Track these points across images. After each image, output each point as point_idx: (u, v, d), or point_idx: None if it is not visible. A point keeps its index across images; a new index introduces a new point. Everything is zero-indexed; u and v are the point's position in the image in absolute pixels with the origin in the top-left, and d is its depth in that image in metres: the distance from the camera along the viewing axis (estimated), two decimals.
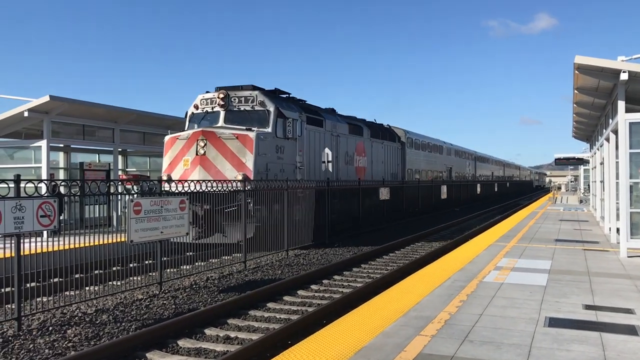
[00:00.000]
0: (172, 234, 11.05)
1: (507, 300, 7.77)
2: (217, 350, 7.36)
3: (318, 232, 18.04)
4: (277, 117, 17.03)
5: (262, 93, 17.35)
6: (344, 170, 22.27)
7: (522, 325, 6.45)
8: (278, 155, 17.02)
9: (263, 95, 17.26)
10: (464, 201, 43.11)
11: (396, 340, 5.81)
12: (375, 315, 6.89)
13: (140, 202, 10.21)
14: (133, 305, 9.69)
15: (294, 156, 18.04)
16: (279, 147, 17.05)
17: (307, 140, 19.14)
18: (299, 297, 10.82)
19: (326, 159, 20.64)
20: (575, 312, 7.07)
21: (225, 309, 9.21)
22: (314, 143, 19.75)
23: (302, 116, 18.78)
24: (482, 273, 9.89)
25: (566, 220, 22.91)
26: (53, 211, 8.58)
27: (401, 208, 28.21)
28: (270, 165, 16.51)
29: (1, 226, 7.80)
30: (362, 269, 13.99)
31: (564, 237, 15.99)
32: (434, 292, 8.22)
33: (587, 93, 14.34)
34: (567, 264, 11.06)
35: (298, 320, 8.30)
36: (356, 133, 23.87)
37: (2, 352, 7.18)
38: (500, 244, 14.19)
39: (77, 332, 8.08)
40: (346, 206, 21.33)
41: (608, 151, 15.65)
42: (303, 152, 18.64)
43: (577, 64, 11.63)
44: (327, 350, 5.51)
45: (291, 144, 17.82)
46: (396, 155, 29.71)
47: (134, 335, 7.59)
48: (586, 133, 26.63)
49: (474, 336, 5.97)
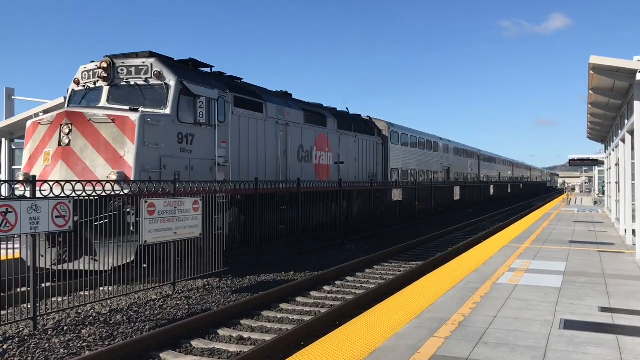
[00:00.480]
0: (186, 234, 11.10)
1: (521, 302, 7.71)
2: (230, 351, 7.37)
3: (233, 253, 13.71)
4: (179, 93, 12.77)
5: (160, 61, 13.01)
6: (296, 169, 18.21)
7: (537, 327, 6.39)
8: (182, 147, 12.82)
9: (161, 64, 12.96)
10: (477, 202, 42.19)
11: (410, 341, 5.78)
12: (388, 316, 6.87)
13: (154, 203, 10.27)
14: (147, 305, 9.74)
15: (212, 149, 13.77)
16: (184, 136, 12.87)
17: (236, 129, 14.92)
18: (312, 298, 10.82)
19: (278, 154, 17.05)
20: (591, 315, 7.00)
21: (238, 310, 9.23)
22: (247, 132, 15.50)
23: (225, 96, 14.50)
24: (496, 275, 9.82)
25: (580, 221, 22.71)
26: (68, 212, 8.65)
27: (413, 209, 27.10)
28: (168, 161, 12.27)
29: (17, 227, 7.88)
30: (374, 270, 13.96)
31: (579, 239, 15.85)
32: (447, 294, 8.18)
33: (603, 93, 14.21)
34: (582, 265, 10.96)
35: (311, 322, 8.30)
36: (316, 123, 19.82)
37: (19, 351, 7.25)
38: (514, 246, 14.09)
39: (92, 332, 8.14)
40: (318, 212, 18.07)
41: (624, 152, 15.50)
42: (228, 143, 14.47)
43: (592, 64, 11.53)
44: (341, 351, 5.50)
45: (207, 133, 13.61)
46: (375, 151, 25.47)
47: (148, 336, 7.63)
48: (601, 134, 26.39)
49: (488, 338, 5.93)
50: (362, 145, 23.88)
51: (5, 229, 7.72)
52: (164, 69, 12.86)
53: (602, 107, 16.58)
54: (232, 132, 14.69)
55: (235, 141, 14.85)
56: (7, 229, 7.76)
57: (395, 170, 27.91)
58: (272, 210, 15.52)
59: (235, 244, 13.91)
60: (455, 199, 35.06)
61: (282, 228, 15.66)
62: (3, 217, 7.68)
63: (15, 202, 7.88)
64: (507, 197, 56.50)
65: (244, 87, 16.17)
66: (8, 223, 7.75)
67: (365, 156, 24.27)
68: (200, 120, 13.22)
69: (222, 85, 14.64)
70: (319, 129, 19.97)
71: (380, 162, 26.19)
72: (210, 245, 11.86)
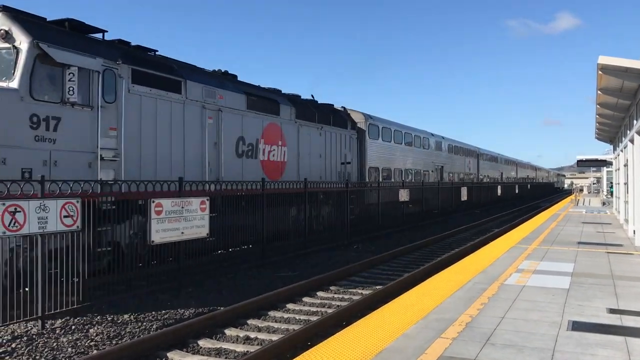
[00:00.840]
0: (192, 234, 11.12)
1: (529, 303, 7.68)
2: (237, 351, 7.39)
3: None
4: (35, 61, 9.81)
5: (9, 17, 9.96)
6: (233, 166, 14.87)
7: (545, 328, 6.37)
8: (39, 134, 9.76)
9: (11, 20, 9.92)
10: (485, 203, 41.79)
11: (417, 342, 5.77)
12: (395, 317, 6.86)
13: (161, 203, 10.30)
14: (154, 305, 9.77)
15: (92, 138, 10.77)
16: (41, 120, 9.80)
17: (135, 112, 11.82)
18: (319, 298, 10.82)
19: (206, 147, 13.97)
20: (599, 316, 6.96)
21: (245, 310, 9.24)
22: (153, 118, 12.28)
23: (117, 68, 11.44)
24: (504, 275, 9.79)
25: (589, 222, 22.59)
26: (76, 211, 8.69)
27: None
28: (9, 153, 9.29)
29: (26, 226, 7.93)
30: (381, 271, 13.94)
31: (587, 240, 15.76)
32: (454, 295, 8.16)
33: (611, 94, 14.15)
34: (590, 266, 10.90)
35: (318, 322, 8.30)
36: (265, 110, 16.60)
37: (27, 350, 7.29)
38: (522, 246, 14.03)
39: (99, 331, 8.18)
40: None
41: (632, 153, 15.42)
42: (120, 131, 11.41)
43: (601, 64, 11.48)
44: (348, 351, 5.49)
45: (83, 116, 10.60)
46: (348, 147, 22.21)
47: (155, 335, 7.66)
48: (609, 134, 26.26)
49: (496, 339, 5.91)
50: (330, 139, 20.55)
51: (14, 228, 7.77)
52: (14, 26, 9.83)
53: (610, 107, 16.50)
54: (128, 117, 11.58)
55: (133, 129, 11.69)
56: (16, 229, 7.81)
57: (374, 169, 24.80)
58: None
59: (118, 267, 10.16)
60: (462, 200, 34.70)
61: (212, 240, 12.18)
62: (12, 216, 7.73)
63: (23, 202, 7.93)
64: (514, 197, 55.47)
65: (151, 60, 12.75)
66: (17, 222, 7.80)
67: (335, 152, 21.00)
68: (69, 98, 10.16)
69: (112, 54, 11.52)
70: (269, 118, 16.75)
71: (355, 159, 22.97)
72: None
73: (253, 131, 16.01)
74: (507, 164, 60.65)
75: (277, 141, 17.24)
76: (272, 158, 16.91)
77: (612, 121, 20.09)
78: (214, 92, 14.34)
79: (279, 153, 17.35)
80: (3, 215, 7.62)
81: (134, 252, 10.81)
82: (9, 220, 7.69)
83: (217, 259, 13.46)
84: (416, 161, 30.99)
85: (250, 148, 15.82)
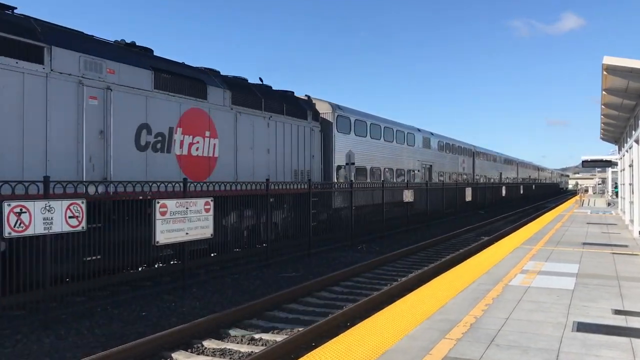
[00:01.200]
0: (197, 234, 11.15)
1: (533, 304, 7.66)
2: (241, 351, 7.40)
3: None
4: None
5: None
6: (131, 161, 11.78)
7: (550, 329, 6.36)
8: None
9: None
10: (489, 204, 41.41)
11: (421, 343, 5.77)
12: (400, 317, 6.86)
13: (166, 204, 10.33)
14: (159, 305, 9.78)
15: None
16: None
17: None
18: (323, 299, 10.82)
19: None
20: (604, 317, 6.95)
21: (249, 310, 9.25)
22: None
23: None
24: (508, 276, 9.77)
25: (594, 223, 22.52)
26: (81, 212, 8.72)
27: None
28: None
29: (31, 227, 7.96)
30: (386, 271, 13.93)
31: (592, 241, 15.72)
32: (459, 296, 8.15)
33: (616, 94, 14.12)
34: (595, 267, 10.88)
35: (322, 323, 8.30)
36: (184, 92, 13.33)
37: (37, 347, 7.31)
38: (526, 247, 14.01)
39: (104, 331, 8.19)
40: None
41: (638, 153, 15.37)
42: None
43: (606, 64, 11.46)
44: (352, 352, 5.50)
45: None
46: (309, 141, 18.95)
47: (160, 336, 7.66)
48: (615, 135, 26.19)
49: (500, 340, 5.91)
50: (282, 131, 17.31)
51: (19, 229, 7.81)
52: None
53: (615, 107, 16.46)
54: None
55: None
56: (21, 229, 7.85)
57: (343, 168, 21.46)
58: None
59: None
60: (467, 200, 34.50)
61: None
62: (17, 217, 7.77)
63: (29, 203, 7.96)
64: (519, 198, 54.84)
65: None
66: (22, 223, 7.84)
67: (289, 147, 17.73)
68: None
69: None
70: (191, 102, 13.48)
71: (318, 155, 19.70)
72: None
73: (164, 118, 12.66)
74: (507, 163, 57.70)
75: (204, 132, 13.89)
76: (195, 153, 13.58)
77: (617, 121, 20.04)
78: (99, 65, 11.15)
79: (206, 146, 13.97)
80: (9, 215, 7.66)
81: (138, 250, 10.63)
82: (14, 221, 7.74)
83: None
84: (399, 159, 27.58)
85: (159, 139, 12.52)
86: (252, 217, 15.01)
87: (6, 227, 7.64)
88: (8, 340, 7.58)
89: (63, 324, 8.44)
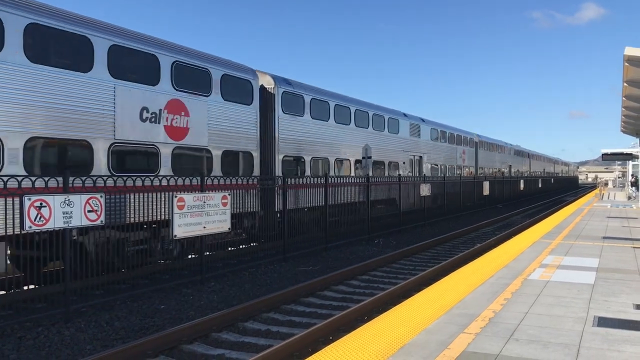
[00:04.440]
0: (214, 229, 11.19)
1: (553, 298, 7.57)
2: (259, 344, 7.42)
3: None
4: None
5: None
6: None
7: (570, 324, 6.28)
8: None
9: None
10: (507, 198, 40.96)
11: (440, 337, 5.73)
12: (417, 311, 6.82)
13: (183, 198, 10.38)
14: (178, 298, 9.85)
15: None
16: None
17: None
18: (341, 292, 10.81)
19: None
20: (626, 312, 6.84)
21: (266, 304, 9.28)
22: None
23: None
24: (527, 271, 9.68)
25: (614, 217, 22.22)
26: (100, 206, 8.80)
27: (442, 205, 24.92)
28: None
29: (51, 221, 8.05)
30: (403, 265, 13.89)
31: (612, 235, 15.51)
32: (477, 290, 8.09)
33: (638, 86, 13.88)
34: (615, 262, 10.72)
35: (339, 316, 8.30)
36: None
37: (57, 341, 7.41)
38: (545, 241, 13.86)
39: (125, 324, 8.27)
40: None
41: None
42: None
43: (627, 55, 11.27)
44: (370, 346, 5.48)
45: None
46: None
47: (179, 328, 7.72)
48: (636, 127, 25.80)
49: (520, 335, 5.85)
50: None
51: (39, 223, 7.90)
52: None
53: (637, 99, 16.20)
54: None
55: None
56: (42, 223, 7.94)
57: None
58: None
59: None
60: (485, 194, 34.10)
61: None
62: (37, 211, 7.86)
63: (49, 197, 8.05)
64: (537, 192, 54.24)
65: None
66: (42, 217, 7.92)
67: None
68: None
69: None
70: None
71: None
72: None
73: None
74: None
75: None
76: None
77: (639, 114, 19.71)
78: None
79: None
80: (29, 210, 7.75)
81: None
82: (34, 215, 7.83)
83: None
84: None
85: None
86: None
87: (27, 220, 7.73)
88: (29, 333, 7.73)
89: (83, 316, 8.56)
